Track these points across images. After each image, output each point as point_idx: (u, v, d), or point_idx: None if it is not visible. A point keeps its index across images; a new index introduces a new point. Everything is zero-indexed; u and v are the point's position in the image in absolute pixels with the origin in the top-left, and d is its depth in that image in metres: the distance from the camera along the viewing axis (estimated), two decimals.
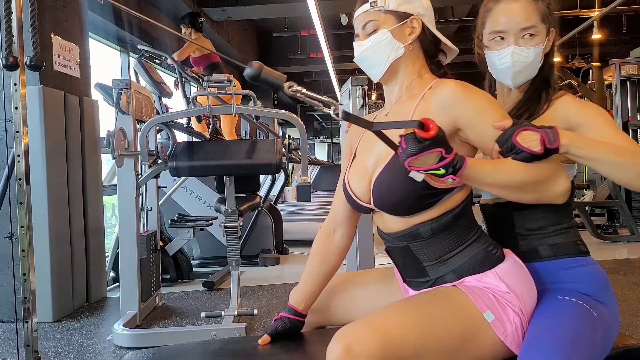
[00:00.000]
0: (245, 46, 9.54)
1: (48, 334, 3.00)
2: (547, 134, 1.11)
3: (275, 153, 2.94)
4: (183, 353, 1.44)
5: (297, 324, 1.42)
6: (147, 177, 2.99)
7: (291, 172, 8.80)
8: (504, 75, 1.37)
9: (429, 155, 1.04)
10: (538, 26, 1.32)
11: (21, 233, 1.89)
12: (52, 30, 3.42)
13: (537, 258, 1.31)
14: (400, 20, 1.29)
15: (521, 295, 1.19)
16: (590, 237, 5.53)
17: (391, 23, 1.29)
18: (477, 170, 1.11)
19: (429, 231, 1.23)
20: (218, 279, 4.03)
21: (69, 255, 3.43)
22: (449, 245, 1.24)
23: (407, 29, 1.30)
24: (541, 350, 1.10)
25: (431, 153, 1.04)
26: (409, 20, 1.29)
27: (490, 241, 1.27)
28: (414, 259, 1.28)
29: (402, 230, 1.26)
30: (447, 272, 1.24)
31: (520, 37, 1.32)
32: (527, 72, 1.35)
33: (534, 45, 1.32)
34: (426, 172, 1.06)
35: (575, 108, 1.31)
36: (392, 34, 1.29)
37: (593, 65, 6.86)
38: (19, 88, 1.88)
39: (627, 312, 2.97)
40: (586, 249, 1.33)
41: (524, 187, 1.13)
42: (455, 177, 1.07)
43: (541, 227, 1.30)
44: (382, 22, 1.29)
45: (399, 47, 1.29)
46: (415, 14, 1.30)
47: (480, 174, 1.11)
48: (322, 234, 1.47)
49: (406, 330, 1.09)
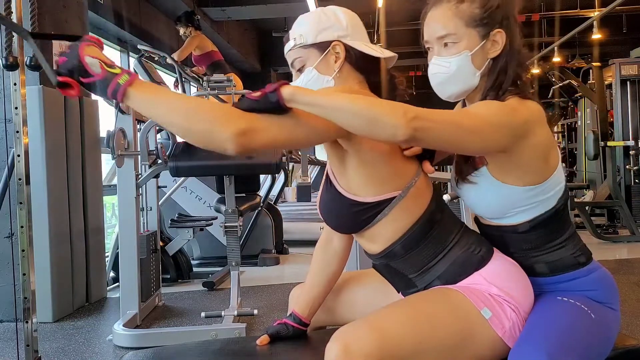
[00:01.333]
0: (245, 46, 9.54)
1: (48, 334, 3.00)
2: (271, 85, 1.05)
3: (275, 153, 2.94)
4: (183, 353, 1.44)
5: (300, 333, 1.43)
6: (147, 177, 2.99)
7: (291, 172, 8.79)
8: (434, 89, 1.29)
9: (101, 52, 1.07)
10: (458, 32, 1.21)
11: (21, 233, 1.89)
12: (53, 31, 3.42)
13: (534, 274, 1.27)
14: (322, 51, 1.26)
15: (515, 295, 1.19)
16: (590, 237, 5.53)
17: (315, 57, 1.27)
18: (148, 84, 1.08)
19: (402, 249, 1.24)
20: (218, 279, 4.03)
21: (69, 255, 3.43)
22: (428, 256, 1.24)
23: (332, 57, 1.26)
24: (530, 344, 1.10)
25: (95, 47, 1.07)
26: (331, 47, 1.26)
27: (473, 240, 1.25)
28: (399, 274, 1.29)
29: (379, 252, 1.27)
30: (433, 280, 1.24)
31: (442, 45, 1.23)
32: (454, 84, 1.24)
33: (455, 53, 1.21)
34: (104, 64, 1.05)
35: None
36: (318, 69, 1.26)
37: (593, 65, 6.85)
38: (19, 88, 1.88)
39: (627, 312, 2.97)
40: (585, 259, 1.28)
41: (190, 118, 1.03)
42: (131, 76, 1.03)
43: (535, 246, 1.26)
44: (306, 57, 1.27)
45: (328, 80, 1.27)
46: (335, 38, 1.26)
47: (150, 86, 1.07)
48: (321, 241, 1.48)
49: (404, 329, 1.10)
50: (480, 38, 1.22)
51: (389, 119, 1.02)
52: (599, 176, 7.22)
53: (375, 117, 1.02)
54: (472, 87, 1.25)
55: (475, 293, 1.18)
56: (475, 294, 1.17)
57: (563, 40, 7.22)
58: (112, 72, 1.04)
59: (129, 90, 1.03)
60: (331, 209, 1.26)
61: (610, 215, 6.60)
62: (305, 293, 1.44)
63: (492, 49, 1.23)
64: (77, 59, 1.04)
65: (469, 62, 1.22)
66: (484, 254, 1.23)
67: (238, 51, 8.87)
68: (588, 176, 7.93)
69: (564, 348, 1.11)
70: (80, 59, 1.04)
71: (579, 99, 7.70)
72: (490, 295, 1.18)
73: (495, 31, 1.22)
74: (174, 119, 1.04)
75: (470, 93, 1.27)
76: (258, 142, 1.04)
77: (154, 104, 1.05)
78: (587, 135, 6.18)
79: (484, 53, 1.23)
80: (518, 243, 1.27)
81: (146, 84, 1.07)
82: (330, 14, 1.28)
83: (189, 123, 1.03)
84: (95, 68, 1.04)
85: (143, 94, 1.05)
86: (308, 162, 3.02)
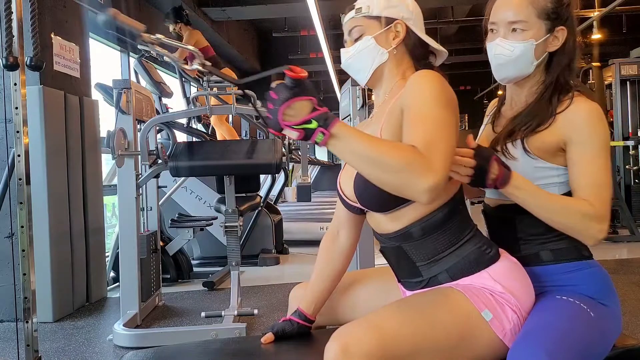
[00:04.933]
0: (245, 46, 9.54)
1: (48, 334, 3.01)
2: (505, 175, 1.18)
3: (275, 153, 2.94)
4: (183, 353, 1.44)
5: (305, 330, 1.43)
6: (147, 177, 2.99)
7: (291, 172, 8.79)
8: (492, 68, 1.36)
9: (302, 103, 1.05)
10: (529, 21, 1.28)
11: (21, 233, 1.90)
12: (53, 31, 3.42)
13: (538, 262, 1.30)
14: (384, 26, 1.30)
15: (518, 295, 1.19)
16: None
17: (375, 29, 1.30)
18: (347, 131, 1.08)
19: (420, 231, 1.24)
20: (218, 279, 4.03)
21: (69, 255, 3.43)
22: (442, 245, 1.24)
23: (392, 33, 1.30)
24: (530, 343, 1.11)
25: (303, 100, 1.05)
26: (393, 25, 1.30)
27: (485, 240, 1.26)
28: (407, 259, 1.28)
29: (394, 231, 1.27)
30: (440, 272, 1.24)
31: (510, 30, 1.30)
32: (512, 68, 1.31)
33: (521, 39, 1.29)
34: (299, 126, 1.05)
35: (578, 123, 1.25)
36: (376, 40, 1.29)
37: (593, 65, 6.84)
38: (19, 88, 1.88)
39: (627, 312, 2.97)
40: (589, 253, 1.31)
41: (387, 168, 1.05)
42: (325, 131, 1.05)
43: (543, 232, 1.29)
44: (367, 28, 1.30)
45: (382, 52, 1.30)
46: (400, 18, 1.30)
47: (348, 137, 1.07)
48: (327, 236, 1.48)
49: (403, 329, 1.10)
50: (546, 31, 1.30)
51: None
52: None
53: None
54: (526, 75, 1.32)
55: (476, 294, 1.18)
56: (476, 295, 1.17)
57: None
58: (309, 128, 1.06)
59: (328, 145, 1.07)
60: (371, 183, 1.20)
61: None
62: (311, 289, 1.44)
63: (552, 44, 1.31)
64: (278, 125, 1.06)
65: (531, 51, 1.29)
66: (494, 254, 1.24)
67: (238, 51, 8.88)
68: None
69: (564, 346, 1.11)
70: (281, 126, 1.06)
71: None
72: (492, 295, 1.18)
73: (560, 27, 1.30)
74: (368, 171, 1.09)
75: (521, 80, 1.34)
76: (443, 190, 1.12)
77: (349, 156, 1.09)
78: None
79: (545, 46, 1.31)
80: (527, 227, 1.30)
81: (343, 136, 1.07)
82: None
83: (381, 176, 1.07)
84: (294, 133, 1.07)
85: (338, 147, 1.08)
86: (308, 162, 3.01)
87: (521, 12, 1.28)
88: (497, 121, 1.42)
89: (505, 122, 1.36)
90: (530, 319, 1.19)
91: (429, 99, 1.14)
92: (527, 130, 1.29)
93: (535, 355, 1.07)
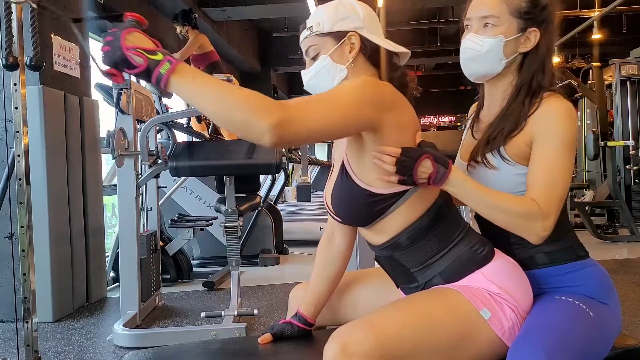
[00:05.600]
0: (245, 46, 9.53)
1: (48, 334, 3.00)
2: (438, 173, 1.15)
3: (275, 153, 2.94)
4: (183, 353, 1.44)
5: (305, 333, 1.43)
6: (147, 177, 2.99)
7: (291, 172, 8.80)
8: (461, 63, 1.35)
9: (144, 38, 1.05)
10: (501, 17, 1.27)
11: (21, 233, 1.89)
12: (53, 31, 3.42)
13: (535, 266, 1.30)
14: (338, 41, 1.28)
15: (514, 294, 1.19)
16: (590, 237, 5.53)
17: (330, 45, 1.28)
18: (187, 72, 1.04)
19: (407, 240, 1.24)
20: (218, 279, 4.03)
21: (69, 255, 3.43)
22: (432, 249, 1.24)
23: (347, 47, 1.28)
24: (529, 343, 1.11)
25: (146, 37, 1.05)
26: (347, 37, 1.28)
27: (477, 240, 1.26)
28: (401, 267, 1.29)
29: (382, 242, 1.28)
30: (434, 276, 1.24)
31: (482, 25, 1.29)
32: (480, 64, 1.30)
33: (491, 35, 1.28)
34: (143, 51, 1.03)
35: (544, 121, 1.25)
36: (332, 58, 1.28)
37: (593, 65, 6.83)
38: (19, 88, 1.88)
39: (627, 312, 2.97)
40: (584, 253, 1.31)
41: (232, 110, 1.02)
42: (173, 60, 1.03)
43: None
44: (322, 46, 1.29)
45: (341, 69, 1.28)
46: (352, 29, 1.28)
47: (185, 77, 1.03)
48: (323, 237, 1.48)
49: (402, 329, 1.10)
50: (518, 30, 1.29)
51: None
52: (599, 176, 7.22)
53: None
54: (495, 72, 1.31)
55: (474, 293, 1.18)
56: (474, 294, 1.17)
57: (563, 40, 7.22)
58: (154, 59, 1.03)
59: (171, 79, 1.03)
60: (344, 200, 1.25)
61: (610, 215, 6.60)
62: (310, 292, 1.44)
63: (524, 44, 1.30)
64: (119, 51, 1.03)
65: (500, 47, 1.28)
66: (487, 253, 1.24)
67: (238, 51, 8.87)
68: (588, 176, 7.93)
69: (563, 346, 1.11)
70: (123, 51, 1.03)
71: (579, 99, 7.69)
72: (490, 294, 1.18)
73: (532, 29, 1.29)
74: (212, 108, 1.04)
75: (491, 78, 1.33)
76: (294, 134, 1.04)
77: (194, 92, 1.04)
78: (587, 135, 6.18)
79: (515, 45, 1.30)
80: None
81: (189, 71, 1.04)
82: (348, 5, 1.30)
83: (226, 112, 1.03)
84: (138, 59, 1.03)
85: (184, 83, 1.04)
86: (308, 162, 3.01)
87: (494, 8, 1.28)
88: (477, 125, 1.41)
89: (483, 127, 1.36)
90: (529, 319, 1.19)
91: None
92: (502, 136, 1.28)
93: (534, 355, 1.07)
